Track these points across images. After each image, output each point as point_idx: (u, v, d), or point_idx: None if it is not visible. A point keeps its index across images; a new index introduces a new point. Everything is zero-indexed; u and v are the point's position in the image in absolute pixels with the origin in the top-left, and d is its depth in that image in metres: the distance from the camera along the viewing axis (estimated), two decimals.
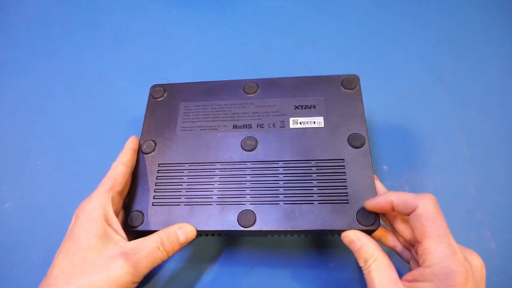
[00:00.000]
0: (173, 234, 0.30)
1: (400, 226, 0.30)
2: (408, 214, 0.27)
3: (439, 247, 0.25)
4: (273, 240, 0.36)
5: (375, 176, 0.32)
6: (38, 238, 0.36)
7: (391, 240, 0.32)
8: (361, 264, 0.28)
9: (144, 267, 0.28)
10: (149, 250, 0.28)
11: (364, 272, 0.28)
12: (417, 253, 0.27)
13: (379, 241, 0.31)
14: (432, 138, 0.42)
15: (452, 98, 0.44)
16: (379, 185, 0.32)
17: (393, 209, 0.28)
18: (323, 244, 0.36)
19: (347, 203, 0.31)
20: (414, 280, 0.26)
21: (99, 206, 0.29)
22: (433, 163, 0.40)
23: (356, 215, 0.30)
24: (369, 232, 0.30)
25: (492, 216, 0.37)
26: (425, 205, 0.26)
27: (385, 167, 0.40)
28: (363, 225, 0.30)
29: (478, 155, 0.41)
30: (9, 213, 0.37)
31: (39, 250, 0.35)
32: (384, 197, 0.29)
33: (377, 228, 0.30)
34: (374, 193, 0.31)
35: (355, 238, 0.29)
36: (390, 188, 0.38)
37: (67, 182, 0.39)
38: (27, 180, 0.39)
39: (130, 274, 0.26)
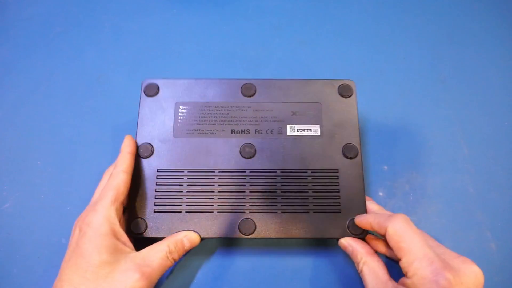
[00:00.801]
0: (180, 242, 0.31)
1: None
2: (384, 235, 0.29)
3: (415, 260, 0.26)
4: (273, 239, 0.36)
5: (369, 198, 0.34)
6: (38, 238, 0.36)
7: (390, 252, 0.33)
8: (356, 267, 0.30)
9: (156, 277, 0.28)
10: (159, 260, 0.29)
11: (360, 275, 0.30)
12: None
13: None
14: (432, 138, 0.42)
15: (452, 98, 0.44)
16: (371, 205, 0.33)
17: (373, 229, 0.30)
18: (323, 244, 0.36)
19: (339, 212, 0.33)
20: (402, 285, 0.27)
21: (105, 220, 0.29)
22: (433, 163, 0.40)
23: (347, 224, 0.32)
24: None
25: (492, 216, 0.37)
26: (394, 225, 0.27)
27: (385, 167, 0.40)
28: (353, 234, 0.32)
29: (478, 155, 0.41)
30: (9, 213, 0.37)
31: (39, 250, 0.35)
32: (365, 217, 0.31)
33: (365, 236, 0.32)
34: (364, 203, 0.33)
35: (346, 244, 0.31)
36: (390, 188, 0.39)
37: (67, 182, 0.39)
38: (27, 180, 0.39)
39: (145, 287, 0.27)
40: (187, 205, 0.33)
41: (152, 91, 0.37)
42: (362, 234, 0.32)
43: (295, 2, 0.52)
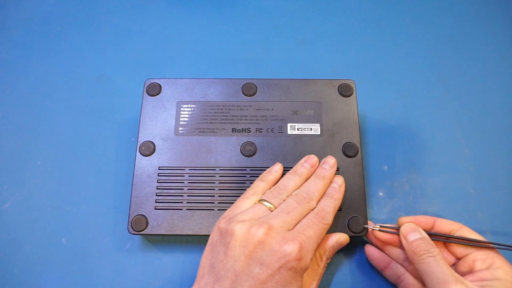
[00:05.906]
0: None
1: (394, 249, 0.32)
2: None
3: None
4: None
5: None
6: (38, 238, 0.36)
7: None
8: (422, 252, 0.28)
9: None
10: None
11: (424, 262, 0.28)
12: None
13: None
14: (432, 138, 0.42)
15: (452, 98, 0.44)
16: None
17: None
18: None
19: (340, 210, 0.33)
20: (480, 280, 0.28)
21: None
22: (433, 163, 0.40)
23: (348, 222, 0.32)
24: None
25: (492, 216, 0.37)
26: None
27: (385, 167, 0.40)
28: (352, 232, 0.32)
29: (478, 155, 0.41)
30: (9, 213, 0.37)
31: (39, 250, 0.35)
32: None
33: (364, 235, 0.32)
34: (364, 202, 0.33)
35: (417, 230, 0.30)
36: (390, 188, 0.39)
37: (67, 182, 0.39)
38: (27, 180, 0.39)
39: None
40: (188, 202, 0.33)
41: (154, 90, 0.38)
42: (362, 233, 0.32)
43: (295, 2, 0.52)
